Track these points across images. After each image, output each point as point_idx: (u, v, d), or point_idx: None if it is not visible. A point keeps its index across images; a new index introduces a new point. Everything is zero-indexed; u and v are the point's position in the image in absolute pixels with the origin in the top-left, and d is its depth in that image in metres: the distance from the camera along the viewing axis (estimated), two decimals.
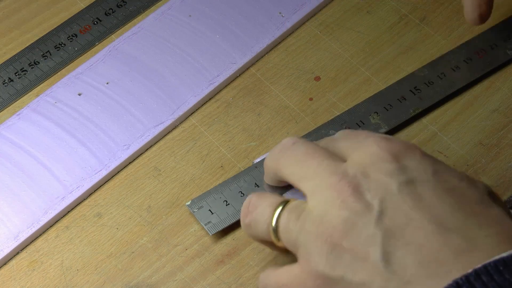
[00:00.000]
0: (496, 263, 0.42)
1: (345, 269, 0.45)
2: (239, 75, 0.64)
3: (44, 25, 0.67)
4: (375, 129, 0.60)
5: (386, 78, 0.64)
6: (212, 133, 0.61)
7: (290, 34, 0.67)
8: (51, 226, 0.57)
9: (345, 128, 0.60)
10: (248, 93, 0.63)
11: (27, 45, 0.66)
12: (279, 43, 0.66)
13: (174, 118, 0.61)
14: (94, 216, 0.57)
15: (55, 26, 0.67)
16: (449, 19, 0.67)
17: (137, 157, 0.60)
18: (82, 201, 0.58)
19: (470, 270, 0.42)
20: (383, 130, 0.60)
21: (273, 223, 0.48)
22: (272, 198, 0.50)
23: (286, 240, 0.48)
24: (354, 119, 0.60)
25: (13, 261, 0.55)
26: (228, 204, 0.56)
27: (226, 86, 0.64)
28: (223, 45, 0.65)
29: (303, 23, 0.67)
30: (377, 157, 0.47)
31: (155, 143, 0.61)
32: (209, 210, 0.56)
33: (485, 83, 0.63)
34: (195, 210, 0.56)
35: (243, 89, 0.64)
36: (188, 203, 0.56)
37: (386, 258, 0.44)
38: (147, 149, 0.61)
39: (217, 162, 0.60)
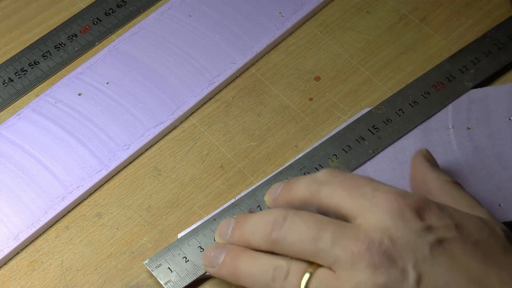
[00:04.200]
0: None
1: None
2: (239, 75, 0.64)
3: (44, 25, 0.67)
4: None
5: (386, 78, 0.64)
6: (212, 133, 0.61)
7: (290, 34, 0.67)
8: (51, 226, 0.57)
9: (304, 174, 0.58)
10: (248, 93, 0.63)
11: (27, 45, 0.66)
12: (279, 43, 0.66)
13: (174, 118, 0.61)
14: (94, 216, 0.57)
15: (55, 26, 0.67)
16: (449, 19, 0.67)
17: (137, 157, 0.60)
18: (82, 201, 0.58)
19: None
20: None
21: None
22: (297, 267, 0.48)
23: None
24: (312, 164, 0.58)
25: (13, 261, 0.55)
26: (188, 260, 0.53)
27: (226, 86, 0.64)
28: (223, 45, 0.65)
29: (303, 23, 0.67)
30: (399, 218, 0.46)
31: (155, 143, 0.61)
32: (168, 268, 0.53)
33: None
34: (154, 268, 0.53)
35: (243, 89, 0.64)
36: (146, 261, 0.54)
37: None
38: (147, 149, 0.61)
39: (217, 162, 0.60)
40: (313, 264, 0.48)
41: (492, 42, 0.64)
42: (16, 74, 0.64)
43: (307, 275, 0.47)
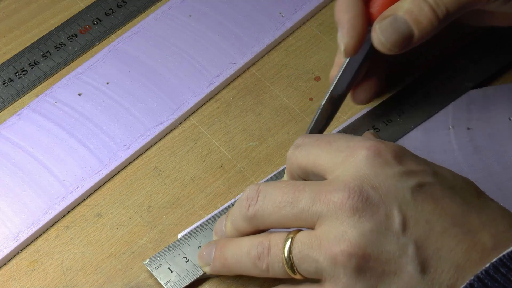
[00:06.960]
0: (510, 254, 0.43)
1: (379, 284, 0.44)
2: (239, 75, 0.64)
3: (44, 25, 0.67)
4: None
5: None
6: (212, 133, 0.61)
7: (290, 34, 0.67)
8: (51, 226, 0.57)
9: None
10: (248, 93, 0.63)
11: (27, 45, 0.66)
12: (279, 43, 0.66)
13: (174, 118, 0.61)
14: (94, 216, 0.57)
15: (55, 26, 0.67)
16: None
17: (137, 157, 0.60)
18: (82, 201, 0.58)
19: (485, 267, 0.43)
20: None
21: (286, 258, 0.47)
22: (277, 237, 0.48)
23: (304, 270, 0.47)
24: None
25: (13, 261, 0.55)
26: (188, 260, 0.53)
27: (226, 86, 0.64)
28: (223, 45, 0.65)
29: (303, 23, 0.67)
30: (378, 164, 0.46)
31: (155, 143, 0.61)
32: (168, 268, 0.53)
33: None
34: (154, 269, 0.53)
35: (243, 89, 0.64)
36: (146, 261, 0.54)
37: (422, 267, 0.44)
38: (147, 149, 0.61)
39: (217, 162, 0.60)
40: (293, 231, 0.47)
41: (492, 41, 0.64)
42: (16, 74, 0.64)
43: (288, 242, 0.47)
